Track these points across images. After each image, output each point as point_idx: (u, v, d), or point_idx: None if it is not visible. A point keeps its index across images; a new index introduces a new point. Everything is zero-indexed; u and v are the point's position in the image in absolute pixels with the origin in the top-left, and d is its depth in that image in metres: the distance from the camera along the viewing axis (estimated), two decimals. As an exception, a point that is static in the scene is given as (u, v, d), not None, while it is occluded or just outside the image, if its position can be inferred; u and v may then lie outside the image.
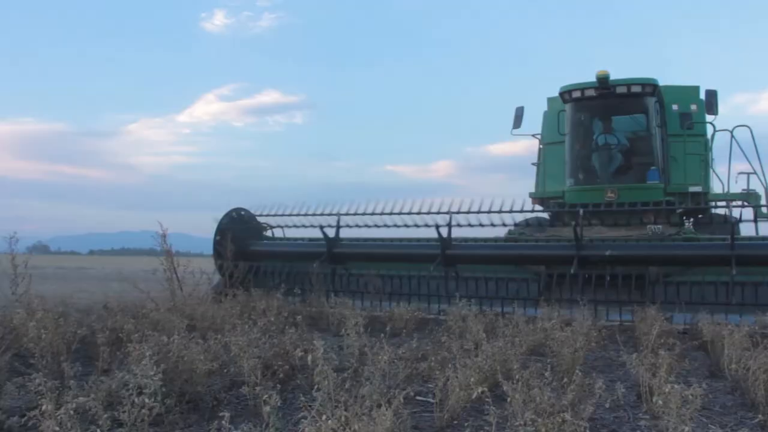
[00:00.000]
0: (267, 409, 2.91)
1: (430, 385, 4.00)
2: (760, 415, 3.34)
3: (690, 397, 2.96)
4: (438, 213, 8.23)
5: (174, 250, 7.47)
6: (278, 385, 3.72)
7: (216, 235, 9.21)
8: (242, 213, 9.68)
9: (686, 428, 2.68)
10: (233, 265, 8.62)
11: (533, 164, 11.45)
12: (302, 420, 2.61)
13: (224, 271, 8.74)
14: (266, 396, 2.96)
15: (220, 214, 9.38)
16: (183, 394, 3.71)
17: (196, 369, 3.85)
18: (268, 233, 9.98)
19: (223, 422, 2.65)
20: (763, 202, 9.56)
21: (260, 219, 9.81)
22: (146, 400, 2.96)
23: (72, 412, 2.68)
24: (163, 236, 7.28)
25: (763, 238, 8.28)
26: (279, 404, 3.01)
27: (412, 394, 3.79)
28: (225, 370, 4.32)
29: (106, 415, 2.90)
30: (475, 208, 8.17)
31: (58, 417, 2.65)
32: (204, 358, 3.99)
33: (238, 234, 9.20)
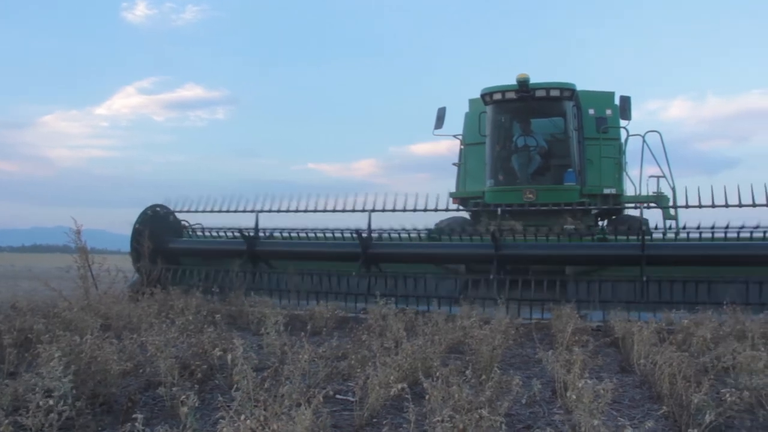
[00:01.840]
0: (184, 409, 2.85)
1: (350, 384, 4.01)
2: (664, 407, 3.48)
3: (601, 391, 3.06)
4: (359, 211, 8.25)
5: (89, 247, 7.24)
6: (196, 385, 3.66)
7: (133, 232, 8.97)
8: (161, 210, 9.46)
9: (596, 421, 2.77)
10: (151, 262, 8.43)
11: (454, 164, 11.60)
12: (220, 420, 2.56)
13: (141, 269, 8.53)
14: (183, 396, 2.90)
15: (138, 212, 9.15)
16: (96, 396, 3.59)
17: (109, 370, 3.74)
18: (188, 230, 9.80)
19: (137, 424, 2.59)
20: (671, 204, 9.96)
21: (179, 216, 9.62)
22: (54, 404, 2.85)
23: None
24: (78, 232, 7.05)
25: (671, 239, 8.64)
26: (197, 405, 2.96)
27: (332, 392, 3.79)
28: (141, 371, 4.22)
29: (7, 421, 2.78)
30: (397, 206, 8.22)
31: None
32: (118, 358, 3.89)
33: (157, 231, 8.99)
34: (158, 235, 8.95)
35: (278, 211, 8.72)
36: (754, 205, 7.24)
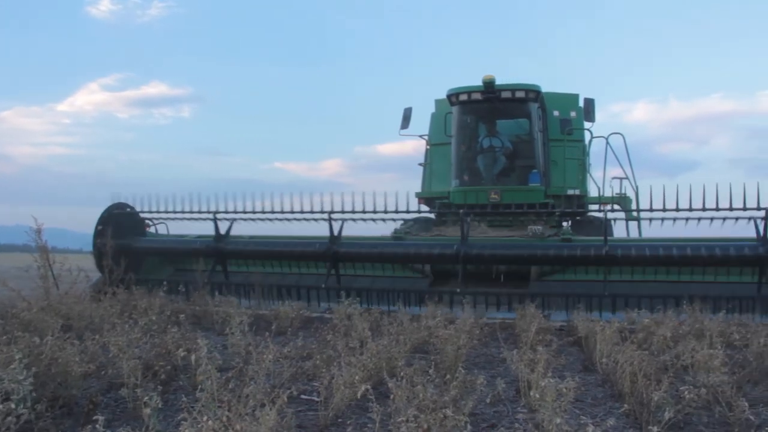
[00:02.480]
0: (147, 411, 2.83)
1: (315, 384, 4.00)
2: (626, 405, 3.54)
3: (564, 390, 3.10)
4: (326, 212, 8.22)
5: (50, 246, 7.11)
6: (159, 386, 3.62)
7: (96, 230, 8.83)
8: (125, 208, 9.33)
9: (559, 420, 2.80)
10: (114, 262, 8.31)
11: (420, 164, 11.66)
12: (182, 422, 2.54)
13: (104, 269, 8.40)
14: (146, 397, 2.87)
15: (101, 211, 9.01)
16: (56, 399, 3.53)
17: (70, 371, 3.68)
18: (151, 229, 9.68)
19: (98, 426, 2.56)
20: (633, 206, 10.13)
21: (144, 215, 9.50)
22: (13, 407, 2.80)
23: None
24: (38, 231, 6.92)
25: (634, 240, 8.79)
26: (160, 406, 2.93)
27: (296, 393, 3.78)
28: (103, 372, 4.16)
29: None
30: (362, 208, 8.21)
31: None
32: (80, 359, 3.83)
33: (120, 230, 8.87)
34: (121, 234, 8.83)
35: (243, 212, 8.65)
36: (717, 208, 7.36)
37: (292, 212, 8.43)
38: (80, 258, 8.21)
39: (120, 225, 8.95)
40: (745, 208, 7.16)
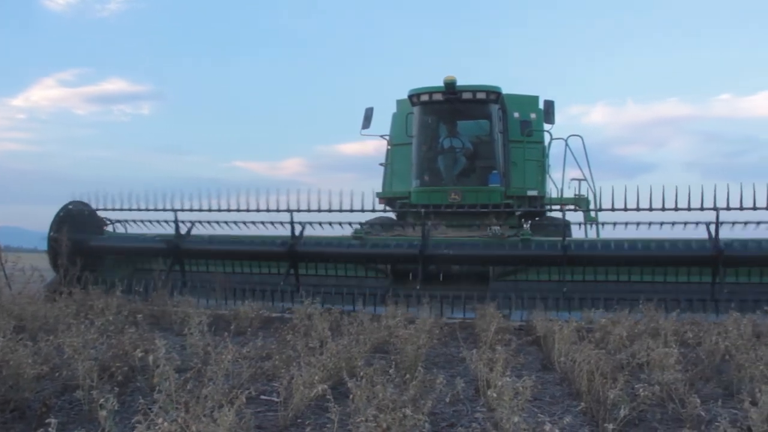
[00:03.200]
0: (103, 413, 2.77)
1: (274, 384, 3.97)
2: (583, 403, 3.58)
3: (522, 389, 3.13)
4: (285, 211, 8.17)
5: (3, 244, 6.98)
6: (116, 387, 3.55)
7: (51, 229, 8.64)
8: (81, 206, 9.15)
9: (517, 418, 2.82)
10: (70, 261, 8.14)
11: (381, 164, 11.66)
12: (137, 424, 2.50)
13: (59, 268, 8.24)
14: (102, 399, 2.81)
15: (57, 209, 8.83)
16: (7, 402, 3.45)
17: (23, 373, 3.59)
18: (109, 228, 9.52)
19: (51, 429, 2.50)
20: (591, 207, 10.26)
21: (101, 213, 9.33)
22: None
23: None
24: (-10, 230, 6.78)
25: (591, 240, 8.91)
26: (116, 408, 2.87)
27: (255, 393, 3.75)
28: (57, 374, 4.07)
29: None
30: (323, 207, 8.19)
31: None
32: (33, 361, 3.74)
33: (77, 228, 8.70)
34: (78, 232, 8.66)
35: (200, 210, 8.56)
36: (676, 208, 7.50)
37: (249, 211, 8.37)
38: (35, 257, 8.04)
39: (76, 223, 8.78)
40: (702, 208, 7.30)
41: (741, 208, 7.31)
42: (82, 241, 8.68)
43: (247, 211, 8.40)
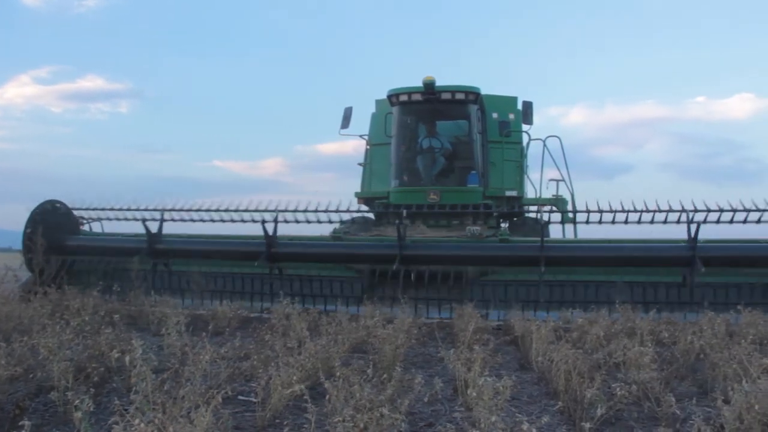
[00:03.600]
0: (78, 414, 2.74)
1: (252, 385, 3.94)
2: (560, 402, 3.60)
3: (500, 388, 3.14)
4: (264, 211, 8.13)
5: (-24, 244, 6.86)
6: (92, 388, 3.52)
7: (26, 228, 8.50)
8: (57, 205, 9.02)
9: (495, 418, 2.83)
10: (45, 260, 8.03)
11: (360, 164, 11.64)
12: (114, 426, 2.47)
13: (34, 268, 8.12)
14: (78, 401, 2.78)
15: (32, 208, 8.70)
16: (-21, 404, 3.41)
17: (-5, 375, 3.55)
18: (86, 227, 9.40)
19: (24, 431, 2.46)
20: (569, 207, 10.31)
21: (77, 212, 9.21)
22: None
23: None
24: (-38, 229, 6.68)
25: (569, 240, 8.95)
26: (92, 409, 2.84)
27: (233, 394, 3.73)
28: (31, 375, 4.01)
29: None
30: (302, 207, 8.16)
31: None
32: (6, 362, 3.70)
33: (52, 227, 8.57)
34: (53, 231, 8.54)
35: (179, 210, 8.49)
36: (658, 210, 7.54)
37: (227, 211, 8.33)
38: (8, 257, 7.93)
39: (52, 222, 8.67)
40: (683, 210, 7.35)
41: (719, 211, 7.38)
42: (57, 240, 8.56)
43: (227, 211, 8.36)
